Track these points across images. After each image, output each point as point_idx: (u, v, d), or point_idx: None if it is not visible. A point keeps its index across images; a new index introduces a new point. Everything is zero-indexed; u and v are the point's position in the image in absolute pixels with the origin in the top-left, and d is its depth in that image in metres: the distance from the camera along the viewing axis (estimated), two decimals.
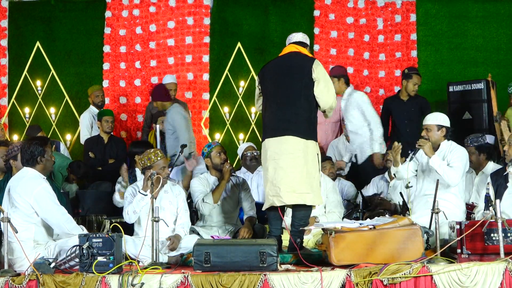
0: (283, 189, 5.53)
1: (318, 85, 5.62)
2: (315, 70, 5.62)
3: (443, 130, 6.02)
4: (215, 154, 6.48)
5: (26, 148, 5.32)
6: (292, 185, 5.53)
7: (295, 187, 5.53)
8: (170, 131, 7.83)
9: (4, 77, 9.64)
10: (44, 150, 5.33)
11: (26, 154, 5.30)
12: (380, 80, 9.68)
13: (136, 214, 5.82)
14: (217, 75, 9.67)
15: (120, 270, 4.85)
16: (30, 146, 5.31)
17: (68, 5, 9.76)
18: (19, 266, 5.08)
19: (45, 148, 5.34)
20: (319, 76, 5.63)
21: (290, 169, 5.53)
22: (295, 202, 5.59)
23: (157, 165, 5.89)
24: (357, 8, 9.71)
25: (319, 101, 5.67)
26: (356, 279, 4.67)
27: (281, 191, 5.53)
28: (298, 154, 5.54)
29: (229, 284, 4.64)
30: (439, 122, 6.03)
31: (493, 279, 4.68)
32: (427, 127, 6.05)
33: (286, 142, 5.56)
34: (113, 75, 9.65)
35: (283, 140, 5.57)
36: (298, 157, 5.54)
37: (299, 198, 5.55)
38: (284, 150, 5.55)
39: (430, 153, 5.90)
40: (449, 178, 5.79)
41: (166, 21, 9.69)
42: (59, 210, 5.26)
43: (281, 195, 5.53)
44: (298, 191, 5.53)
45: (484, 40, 9.58)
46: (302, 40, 5.87)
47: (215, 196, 6.30)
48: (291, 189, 5.52)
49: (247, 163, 7.48)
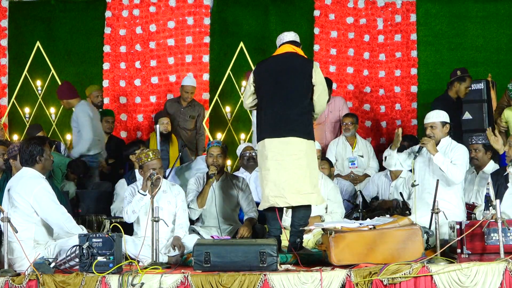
0: (287, 190, 5.55)
1: (317, 89, 5.68)
2: (315, 74, 5.68)
3: (447, 127, 6.09)
4: (209, 154, 6.47)
5: (24, 148, 5.32)
6: (296, 186, 5.56)
7: (300, 188, 5.56)
8: (75, 128, 8.01)
9: (4, 77, 9.64)
10: (43, 150, 5.33)
11: (25, 154, 5.30)
12: (380, 80, 9.68)
13: (135, 214, 5.82)
14: (217, 75, 9.67)
15: (120, 270, 4.85)
16: (29, 145, 5.31)
17: (68, 5, 9.76)
18: (19, 266, 5.08)
19: (43, 147, 5.34)
20: (317, 80, 5.69)
21: (294, 170, 5.56)
22: (300, 203, 5.62)
23: (146, 166, 5.84)
24: (357, 8, 9.71)
25: (316, 105, 5.73)
26: (356, 279, 4.67)
27: (286, 192, 5.55)
28: (301, 155, 5.58)
29: (229, 284, 4.64)
30: (443, 119, 6.09)
31: (493, 279, 4.68)
32: (432, 125, 6.08)
33: (290, 143, 5.58)
34: (113, 75, 9.65)
35: (286, 141, 5.59)
36: (301, 158, 5.57)
37: (304, 199, 5.59)
38: (287, 151, 5.57)
39: (433, 150, 5.93)
40: (453, 175, 5.82)
41: (166, 21, 9.69)
42: (59, 209, 5.26)
43: (286, 196, 5.56)
44: (303, 192, 5.57)
45: (484, 40, 9.58)
46: (296, 40, 5.90)
47: (199, 201, 6.29)
48: (295, 190, 5.56)
49: (245, 163, 7.47)
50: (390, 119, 9.60)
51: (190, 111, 8.87)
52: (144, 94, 9.65)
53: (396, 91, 9.61)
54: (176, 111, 8.79)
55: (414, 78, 9.58)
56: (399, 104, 9.58)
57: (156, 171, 5.72)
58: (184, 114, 8.83)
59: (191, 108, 8.89)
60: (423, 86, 9.58)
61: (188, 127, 8.87)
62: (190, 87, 8.83)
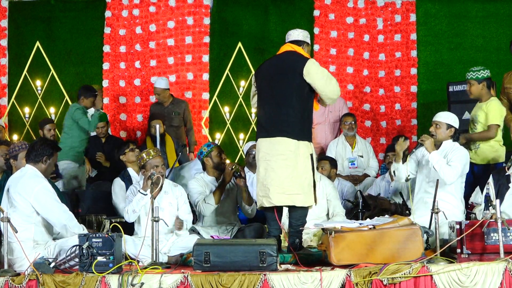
0: (272, 190, 5.55)
1: (315, 84, 5.61)
2: (307, 70, 5.58)
3: (451, 130, 6.05)
4: (215, 154, 6.49)
5: (38, 145, 5.37)
6: (282, 186, 5.54)
7: (285, 188, 5.54)
8: None
9: (4, 77, 9.64)
10: (52, 154, 5.40)
11: (35, 151, 5.33)
12: (380, 80, 9.68)
13: (136, 213, 5.82)
14: (217, 75, 9.67)
15: (120, 270, 4.85)
16: (42, 144, 5.38)
17: (68, 5, 9.76)
18: (19, 266, 5.08)
19: (53, 152, 5.42)
20: (312, 75, 5.59)
21: (280, 170, 5.54)
22: (284, 204, 5.62)
23: (149, 164, 5.89)
24: (357, 8, 9.71)
25: (323, 98, 5.69)
26: (356, 279, 4.68)
27: (270, 192, 5.55)
28: (289, 155, 5.54)
29: (229, 284, 4.65)
30: (449, 121, 6.05)
31: (493, 279, 4.68)
32: (437, 123, 6.06)
33: (278, 143, 5.57)
34: (113, 75, 9.65)
35: (275, 141, 5.59)
36: (289, 159, 5.54)
37: (288, 199, 5.57)
38: (275, 151, 5.57)
39: (430, 148, 5.91)
40: (445, 175, 5.77)
41: (166, 21, 9.69)
42: (61, 207, 5.26)
43: (270, 196, 5.56)
44: (288, 192, 5.54)
45: (484, 40, 9.58)
46: (299, 38, 5.82)
47: (216, 196, 6.30)
48: (281, 190, 5.54)
49: (250, 161, 7.37)
50: (390, 119, 9.60)
51: (174, 108, 8.93)
52: (144, 94, 9.65)
53: (396, 91, 9.61)
54: (160, 112, 8.85)
55: (414, 78, 9.58)
56: (399, 104, 9.58)
57: (158, 170, 5.79)
58: (169, 113, 8.88)
59: (174, 105, 8.96)
60: (423, 86, 9.58)
61: (175, 124, 8.91)
62: (159, 89, 8.86)
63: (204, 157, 6.51)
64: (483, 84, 6.75)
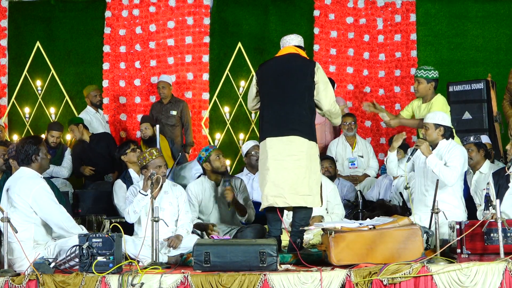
0: (287, 190, 5.53)
1: (318, 88, 5.67)
2: (317, 73, 5.67)
3: (440, 129, 5.99)
4: (214, 158, 6.47)
5: (20, 147, 5.31)
6: (295, 186, 5.55)
7: (298, 188, 5.55)
8: None
9: (4, 77, 9.64)
10: (39, 149, 5.31)
11: (21, 153, 5.29)
12: (380, 80, 9.68)
13: (136, 214, 5.82)
14: (217, 75, 9.68)
15: (120, 270, 4.85)
16: (24, 145, 5.30)
17: (68, 5, 9.77)
18: (19, 266, 5.08)
19: (39, 146, 5.32)
20: (320, 79, 5.68)
21: (293, 171, 5.54)
22: (298, 204, 5.61)
23: (152, 164, 5.89)
24: (357, 8, 9.71)
25: (320, 105, 5.71)
26: (356, 279, 4.67)
27: (285, 192, 5.54)
28: (301, 156, 5.56)
29: (229, 284, 4.64)
30: (436, 121, 6.00)
31: (493, 279, 4.68)
32: (425, 125, 6.05)
33: (291, 142, 5.56)
34: (113, 75, 9.66)
35: (288, 140, 5.57)
36: (301, 159, 5.55)
37: (301, 199, 5.58)
38: (288, 151, 5.56)
39: (426, 152, 5.89)
40: (445, 177, 5.77)
41: (166, 21, 9.70)
42: (58, 209, 5.25)
43: (285, 196, 5.54)
44: (301, 193, 5.55)
45: (484, 40, 9.59)
46: (301, 44, 5.90)
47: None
48: (294, 190, 5.54)
49: (253, 162, 7.27)
50: None
51: (171, 107, 8.94)
52: (144, 94, 9.65)
53: (396, 91, 9.61)
54: (159, 111, 8.91)
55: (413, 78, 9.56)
56: (399, 104, 9.57)
57: (161, 170, 5.82)
58: (166, 111, 8.90)
59: (172, 104, 8.97)
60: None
61: (171, 123, 8.91)
62: (164, 82, 8.92)
63: (203, 163, 6.50)
64: (431, 84, 6.60)
